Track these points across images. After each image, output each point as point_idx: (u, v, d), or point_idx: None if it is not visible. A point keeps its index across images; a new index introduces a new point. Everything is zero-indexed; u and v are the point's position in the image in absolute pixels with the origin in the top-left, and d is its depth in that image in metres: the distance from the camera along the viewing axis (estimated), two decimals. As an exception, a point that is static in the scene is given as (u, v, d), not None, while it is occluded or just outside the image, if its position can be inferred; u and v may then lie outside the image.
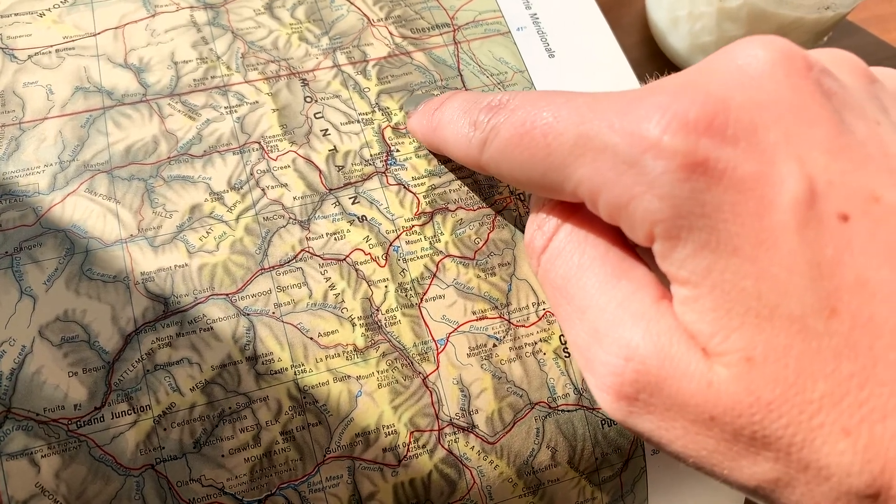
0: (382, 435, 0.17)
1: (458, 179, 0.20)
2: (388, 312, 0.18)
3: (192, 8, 0.22)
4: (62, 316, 0.17)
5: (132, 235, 0.18)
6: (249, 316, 0.18)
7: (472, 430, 0.18)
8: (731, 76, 0.13)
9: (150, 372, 0.17)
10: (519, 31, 0.23)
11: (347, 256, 0.19)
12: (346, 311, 0.18)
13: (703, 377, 0.12)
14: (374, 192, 0.20)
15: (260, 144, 0.20)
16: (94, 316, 0.17)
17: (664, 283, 0.13)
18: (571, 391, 0.18)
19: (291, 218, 0.19)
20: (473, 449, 0.17)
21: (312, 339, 0.18)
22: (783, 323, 0.11)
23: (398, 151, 0.20)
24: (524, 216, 0.20)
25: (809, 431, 0.11)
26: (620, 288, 0.14)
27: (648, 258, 0.14)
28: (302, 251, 0.18)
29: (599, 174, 0.13)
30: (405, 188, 0.20)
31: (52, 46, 0.20)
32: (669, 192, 0.12)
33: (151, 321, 0.17)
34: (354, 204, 0.19)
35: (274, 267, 0.18)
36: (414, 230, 0.19)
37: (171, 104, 0.20)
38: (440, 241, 0.19)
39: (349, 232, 0.19)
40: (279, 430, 0.17)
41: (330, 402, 0.17)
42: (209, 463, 0.16)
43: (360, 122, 0.21)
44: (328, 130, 0.20)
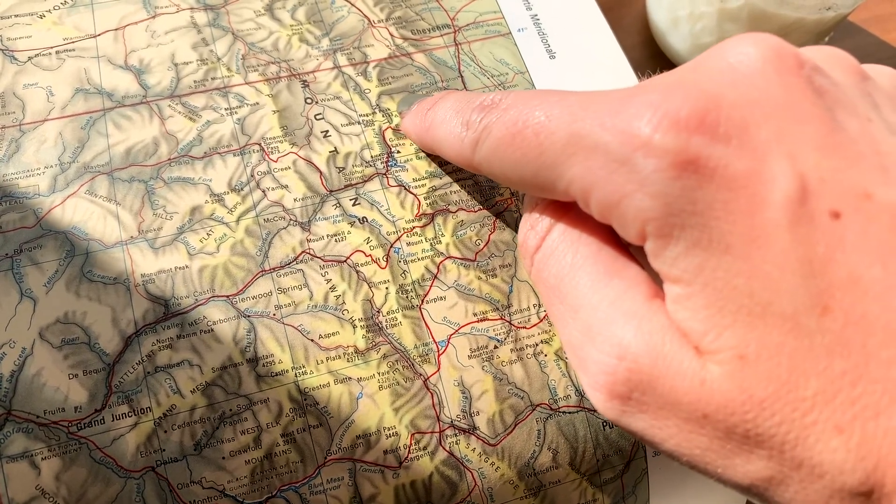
0: (383, 437, 0.17)
1: (458, 181, 0.20)
2: (389, 314, 0.18)
3: (192, 9, 0.22)
4: (62, 318, 0.17)
5: (132, 237, 0.18)
6: (250, 318, 0.17)
7: (473, 431, 0.18)
8: (722, 74, 0.13)
9: (150, 374, 0.17)
10: (520, 32, 0.23)
11: (348, 258, 0.19)
12: (346, 312, 0.18)
13: (695, 375, 0.12)
14: (374, 193, 0.20)
15: (260, 146, 0.20)
16: (94, 318, 0.17)
17: (657, 281, 0.13)
18: (573, 393, 0.18)
19: (292, 219, 0.19)
20: (475, 451, 0.17)
21: (313, 340, 0.18)
22: (775, 321, 0.11)
23: (399, 153, 0.20)
24: (525, 217, 0.20)
25: (802, 429, 0.11)
26: (613, 286, 0.14)
27: (641, 257, 0.14)
28: (302, 253, 0.18)
29: (591, 173, 0.13)
30: (406, 189, 0.20)
31: (52, 48, 0.20)
32: (661, 190, 0.12)
33: (152, 323, 0.17)
34: (355, 205, 0.19)
35: (274, 269, 0.18)
36: (415, 232, 0.19)
37: (171, 106, 0.20)
38: (441, 242, 0.19)
39: (350, 233, 0.19)
40: (280, 432, 0.17)
41: (331, 403, 0.17)
42: (210, 465, 0.16)
43: (360, 123, 0.21)
44: (329, 132, 0.20)
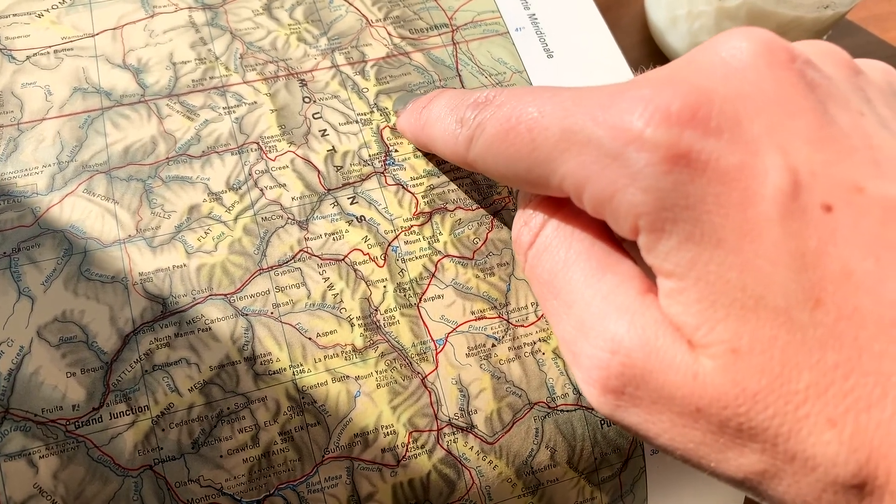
0: (381, 435, 0.17)
1: (456, 179, 0.20)
2: (386, 312, 0.18)
3: (190, 8, 0.22)
4: (60, 316, 0.17)
5: (130, 236, 0.18)
6: (248, 316, 0.17)
7: (471, 430, 0.18)
8: (714, 68, 0.13)
9: (148, 372, 0.17)
10: (517, 31, 0.23)
11: (346, 256, 0.19)
12: (344, 311, 0.18)
13: (688, 369, 0.12)
14: (372, 192, 0.20)
15: (258, 145, 0.20)
16: (92, 316, 0.17)
17: (650, 276, 0.13)
18: (571, 391, 0.18)
19: (290, 218, 0.19)
20: (472, 449, 0.17)
21: (311, 339, 0.18)
22: (768, 314, 0.11)
23: (397, 151, 0.20)
24: (523, 216, 0.20)
25: (795, 422, 0.11)
26: (606, 281, 0.14)
27: (634, 252, 0.14)
28: (300, 251, 0.18)
29: (584, 168, 0.13)
30: (404, 188, 0.20)
31: (50, 47, 0.20)
32: (653, 184, 0.12)
33: (150, 321, 0.17)
34: (353, 204, 0.19)
35: (272, 267, 0.18)
36: (412, 230, 0.19)
37: (169, 105, 0.20)
38: (439, 241, 0.19)
39: (348, 232, 0.19)
40: (278, 430, 0.17)
41: (328, 402, 0.17)
42: (208, 463, 0.16)
43: (358, 122, 0.21)
44: (327, 131, 0.20)
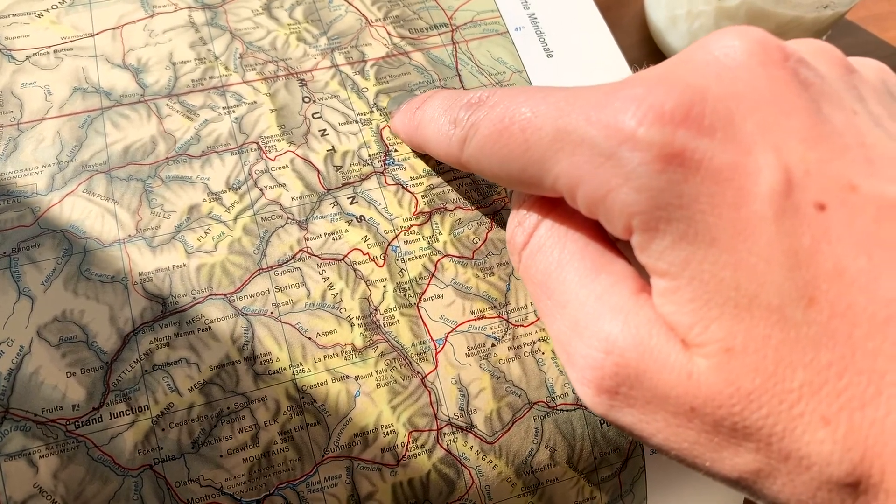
0: (381, 435, 0.17)
1: (456, 179, 0.20)
2: (386, 312, 0.18)
3: (190, 8, 0.22)
4: (60, 316, 0.17)
5: (130, 236, 0.18)
6: (248, 316, 0.18)
7: (470, 429, 0.18)
8: (707, 67, 0.13)
9: (148, 372, 0.17)
10: (517, 31, 0.23)
11: (346, 256, 0.19)
12: (344, 310, 0.18)
13: (682, 368, 0.12)
14: (372, 191, 0.20)
15: (258, 145, 0.20)
16: (92, 316, 0.17)
17: (643, 275, 0.13)
18: (570, 390, 0.18)
19: (289, 218, 0.19)
20: (472, 448, 0.17)
21: (311, 338, 0.18)
22: (762, 313, 0.11)
23: (396, 151, 0.20)
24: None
25: (789, 421, 0.11)
26: (600, 281, 0.14)
27: (628, 251, 0.14)
28: (300, 251, 0.18)
29: (577, 167, 0.13)
30: (403, 188, 0.20)
31: (50, 47, 0.20)
32: (646, 183, 0.12)
33: (150, 321, 0.17)
34: (353, 204, 0.19)
35: (272, 267, 0.18)
36: (412, 230, 0.19)
37: (169, 104, 0.20)
38: (438, 240, 0.19)
39: (347, 232, 0.19)
40: (277, 430, 0.17)
41: (328, 401, 0.17)
42: (207, 463, 0.16)
43: (358, 122, 0.21)
44: (326, 130, 0.20)
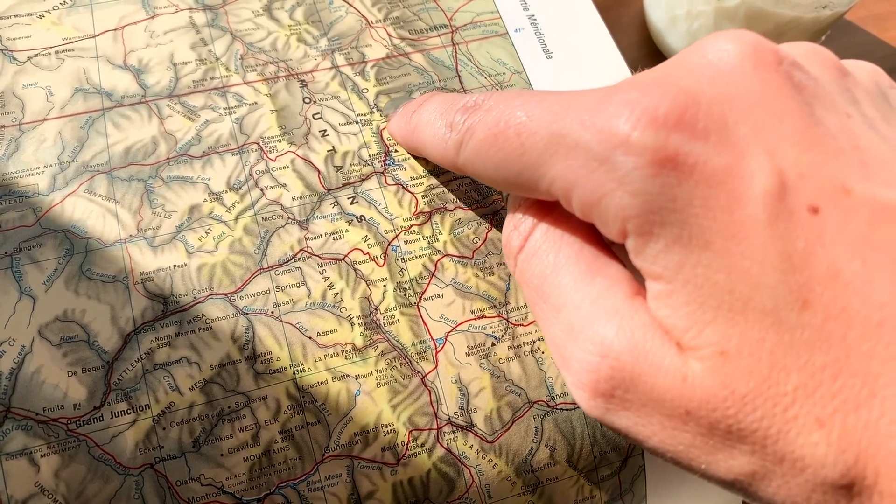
0: (381, 434, 0.17)
1: (456, 179, 0.20)
2: (386, 312, 0.18)
3: (191, 9, 0.22)
4: (61, 316, 0.17)
5: (131, 236, 0.18)
6: (248, 315, 0.18)
7: (470, 428, 0.18)
8: (701, 71, 0.13)
9: (149, 371, 0.17)
10: (517, 32, 0.23)
11: (346, 256, 0.19)
12: (344, 310, 0.18)
13: (677, 372, 0.12)
14: (372, 192, 0.20)
15: (259, 145, 0.20)
16: (93, 316, 0.17)
17: (638, 279, 0.13)
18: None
19: (290, 218, 0.19)
20: (472, 447, 0.18)
21: (311, 338, 0.18)
22: (756, 316, 0.11)
23: (396, 152, 0.20)
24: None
25: (784, 423, 0.11)
26: (595, 285, 0.14)
27: (623, 255, 0.14)
28: (300, 251, 0.19)
29: (572, 171, 0.13)
30: (403, 188, 0.20)
31: (51, 48, 0.20)
32: (640, 187, 0.12)
33: (150, 321, 0.17)
34: (353, 204, 0.19)
35: (273, 267, 0.18)
36: (412, 230, 0.19)
37: (170, 105, 0.20)
38: (438, 240, 0.19)
39: (348, 232, 0.19)
40: (278, 429, 0.17)
41: (329, 401, 0.17)
42: (208, 462, 0.16)
43: (358, 122, 0.21)
44: (327, 131, 0.20)
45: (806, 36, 0.30)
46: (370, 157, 0.20)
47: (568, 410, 0.18)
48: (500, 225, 0.20)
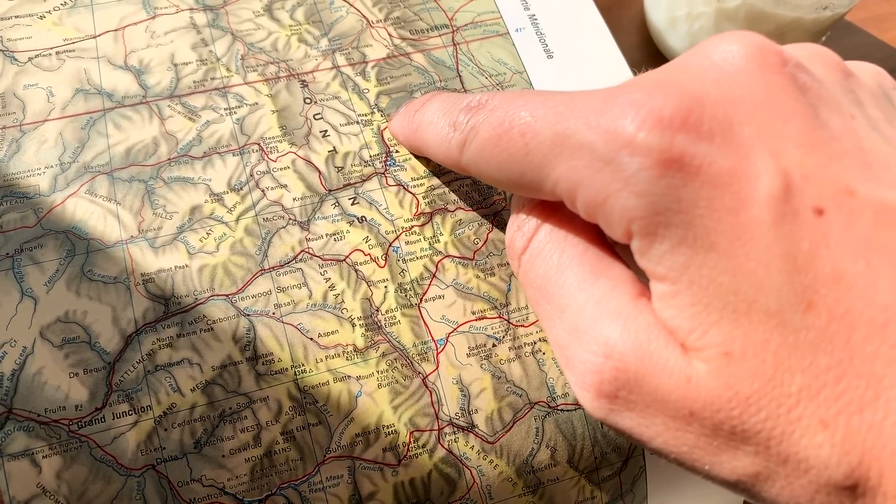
0: (382, 435, 0.17)
1: (457, 180, 0.20)
2: (387, 313, 0.18)
3: (191, 10, 0.22)
4: (63, 317, 0.17)
5: (133, 237, 0.18)
6: (249, 316, 0.18)
7: (471, 429, 0.18)
8: (706, 72, 0.13)
9: (150, 372, 0.17)
10: (517, 32, 0.23)
11: (347, 257, 0.19)
12: (345, 311, 0.18)
13: (681, 373, 0.12)
14: (373, 192, 0.20)
15: (259, 146, 0.20)
16: (94, 317, 0.17)
17: (643, 280, 0.13)
18: (571, 391, 0.18)
19: (291, 219, 0.19)
20: (473, 448, 0.18)
21: (312, 339, 0.18)
22: (760, 317, 0.11)
23: (397, 152, 0.20)
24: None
25: (788, 425, 0.11)
26: (599, 286, 0.14)
27: (627, 256, 0.14)
28: (302, 252, 0.19)
29: (576, 172, 0.13)
30: (404, 189, 0.20)
31: (52, 49, 0.20)
32: (646, 188, 0.12)
33: (152, 322, 0.17)
34: (354, 205, 0.19)
35: (274, 268, 0.18)
36: (413, 231, 0.19)
37: (171, 106, 0.20)
38: (439, 241, 0.19)
39: (349, 233, 0.19)
40: (279, 430, 0.17)
41: (330, 402, 0.17)
42: (210, 463, 0.16)
43: (359, 123, 0.21)
44: (327, 131, 0.20)
45: (806, 37, 0.30)
46: (371, 157, 0.20)
47: (569, 411, 0.18)
48: (501, 226, 0.20)
